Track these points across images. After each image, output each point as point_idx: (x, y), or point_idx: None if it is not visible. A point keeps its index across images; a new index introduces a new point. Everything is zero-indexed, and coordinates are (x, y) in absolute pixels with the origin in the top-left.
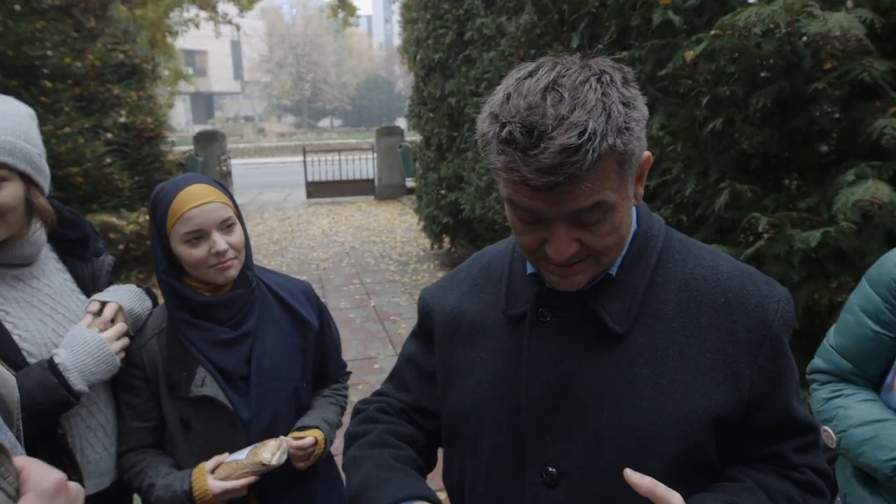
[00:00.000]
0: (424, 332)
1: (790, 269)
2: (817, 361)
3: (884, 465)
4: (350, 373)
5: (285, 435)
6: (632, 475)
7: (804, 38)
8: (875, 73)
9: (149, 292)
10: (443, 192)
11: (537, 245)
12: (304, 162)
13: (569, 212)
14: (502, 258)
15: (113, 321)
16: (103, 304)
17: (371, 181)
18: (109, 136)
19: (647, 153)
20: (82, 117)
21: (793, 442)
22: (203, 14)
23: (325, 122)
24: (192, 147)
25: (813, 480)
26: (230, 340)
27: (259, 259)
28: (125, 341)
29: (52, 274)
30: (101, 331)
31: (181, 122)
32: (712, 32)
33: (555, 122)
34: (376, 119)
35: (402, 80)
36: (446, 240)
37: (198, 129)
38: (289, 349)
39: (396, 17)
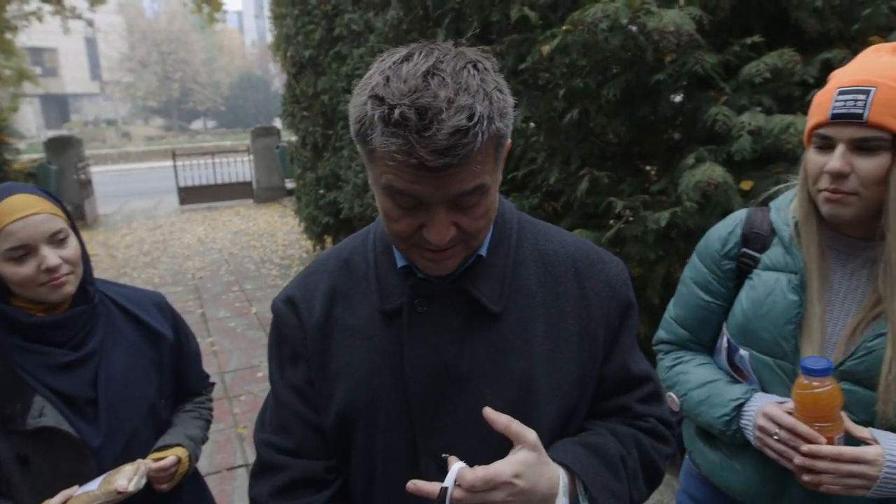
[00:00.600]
0: (287, 346)
1: (647, 248)
2: (661, 332)
3: (717, 421)
4: (213, 383)
5: (144, 458)
6: (489, 412)
7: (645, 33)
8: (706, 65)
9: None
10: (321, 191)
11: (413, 231)
12: (175, 166)
13: (452, 195)
14: (362, 254)
15: None
16: None
17: (249, 184)
18: None
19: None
20: None
21: (636, 393)
22: (47, 7)
23: (197, 124)
24: (43, 154)
25: (657, 428)
26: (71, 363)
27: (128, 272)
28: None
29: None
30: None
31: (31, 127)
32: (564, 28)
33: (446, 104)
34: (253, 119)
35: (279, 79)
36: (328, 240)
37: (50, 134)
38: (141, 365)
39: (267, 12)
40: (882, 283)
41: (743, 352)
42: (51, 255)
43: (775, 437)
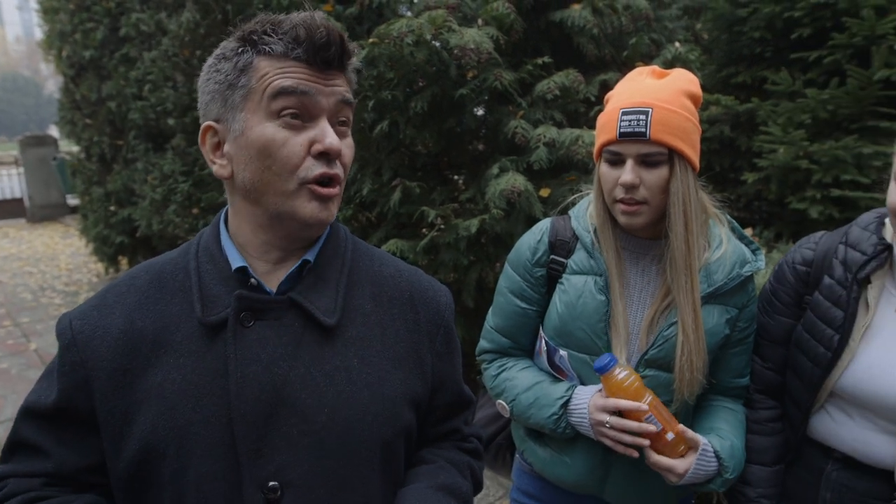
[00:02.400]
0: (70, 369)
1: (460, 254)
2: (483, 343)
3: (547, 421)
4: None
5: None
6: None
7: (448, 49)
8: (505, 81)
9: None
10: (112, 208)
11: (305, 153)
12: None
13: (338, 98)
14: (179, 266)
15: None
16: None
17: (20, 201)
18: None
19: None
20: None
21: (462, 416)
22: None
23: None
24: None
25: (477, 447)
26: None
27: None
28: None
29: None
30: None
31: None
32: (371, 40)
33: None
34: (22, 126)
35: (53, 81)
36: (123, 261)
37: None
38: None
39: (34, 4)
40: (669, 275)
41: (562, 352)
42: None
43: (608, 426)
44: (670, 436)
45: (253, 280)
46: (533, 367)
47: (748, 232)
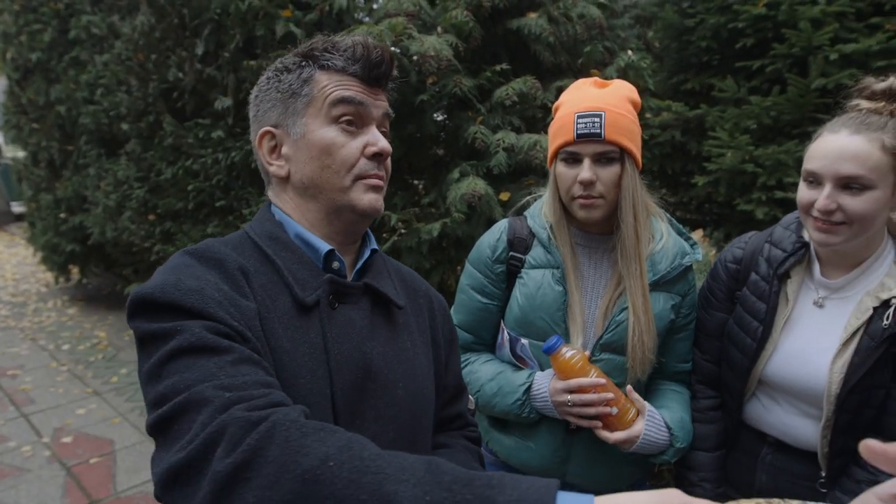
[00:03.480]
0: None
1: (422, 258)
2: None
3: (511, 407)
4: None
5: None
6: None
7: (408, 56)
8: (464, 87)
9: None
10: (62, 215)
11: (359, 153)
12: None
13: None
14: (248, 251)
15: None
16: None
17: None
18: None
19: None
20: None
21: (463, 402)
22: None
23: None
24: None
25: (478, 435)
26: None
27: None
28: None
29: None
30: None
31: None
32: None
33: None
34: None
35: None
36: (74, 270)
37: None
38: None
39: None
40: (620, 263)
41: (524, 341)
42: None
43: (570, 404)
44: (615, 410)
45: (336, 263)
46: (494, 359)
47: (699, 233)
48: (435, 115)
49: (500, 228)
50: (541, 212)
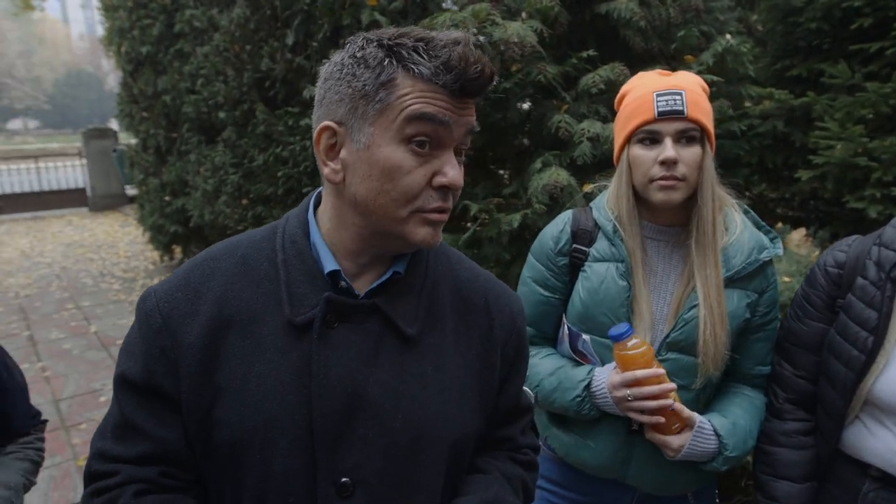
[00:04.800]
0: (159, 353)
1: (502, 249)
2: None
3: (571, 403)
4: (46, 420)
5: None
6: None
7: (492, 43)
8: (548, 75)
9: None
10: (167, 198)
11: (426, 182)
12: None
13: (468, 127)
14: (263, 253)
15: None
16: None
17: (82, 191)
18: None
19: None
20: None
21: (519, 424)
22: None
23: (15, 124)
24: None
25: (532, 459)
26: None
27: None
28: None
29: None
30: None
31: None
32: None
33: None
34: (85, 120)
35: (114, 76)
36: (177, 250)
37: None
38: None
39: (96, 2)
40: (695, 253)
41: (585, 337)
42: None
43: (630, 399)
44: (674, 404)
45: (343, 283)
46: (554, 353)
47: (801, 231)
48: (519, 103)
49: (564, 219)
50: (606, 203)
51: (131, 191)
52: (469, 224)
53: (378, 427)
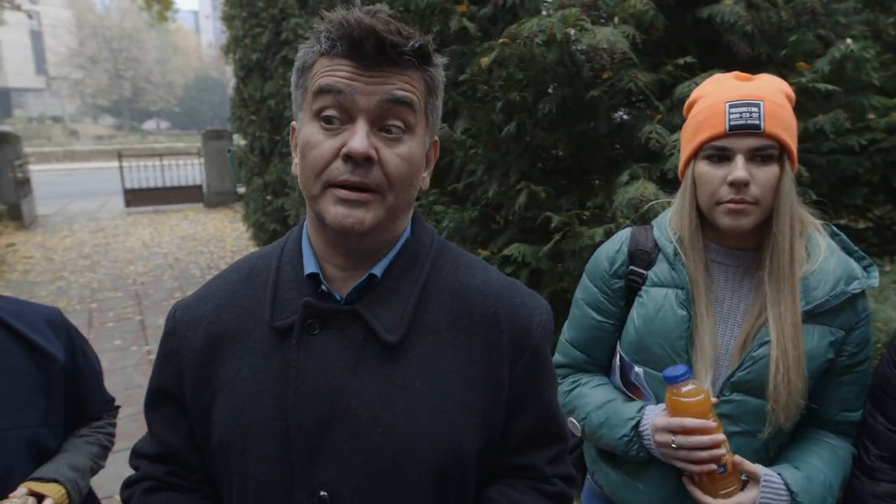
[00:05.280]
0: (168, 355)
1: (584, 263)
2: (557, 356)
3: (618, 442)
4: (118, 407)
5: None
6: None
7: (580, 49)
8: (640, 83)
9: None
10: (268, 197)
11: (332, 156)
12: (121, 168)
13: (382, 95)
14: (268, 261)
15: None
16: None
17: (199, 188)
18: None
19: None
20: None
21: (546, 452)
22: None
23: (150, 125)
24: None
25: (563, 491)
26: None
27: (65, 276)
28: None
29: None
30: None
31: None
32: (501, 40)
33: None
34: (208, 122)
35: (233, 81)
36: None
37: None
38: (25, 390)
39: (220, 13)
40: (768, 285)
41: (638, 369)
42: None
43: (673, 446)
44: (723, 468)
45: (323, 287)
46: (607, 384)
47: None
48: (611, 112)
49: (621, 239)
50: (669, 222)
51: (240, 189)
52: (557, 236)
53: (354, 440)
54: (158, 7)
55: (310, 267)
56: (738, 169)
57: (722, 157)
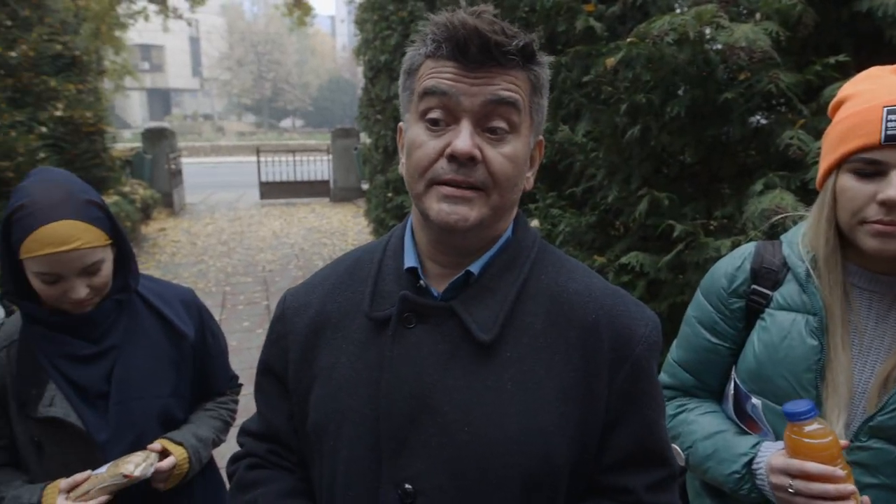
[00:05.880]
0: (275, 339)
1: None
2: (663, 377)
3: (727, 479)
4: (241, 385)
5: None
6: None
7: (715, 48)
8: (781, 84)
9: (1, 301)
10: (389, 194)
11: (437, 155)
12: (258, 162)
13: (487, 96)
14: (372, 255)
15: None
16: None
17: (326, 183)
18: (44, 130)
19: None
20: (14, 110)
21: (645, 476)
22: (153, 7)
23: (286, 123)
24: (140, 144)
25: None
26: (90, 356)
27: (205, 259)
28: None
29: None
30: None
31: (136, 118)
32: (629, 40)
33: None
34: (338, 120)
35: (363, 82)
36: None
37: (152, 125)
38: (159, 363)
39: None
40: None
41: (755, 400)
42: (79, 287)
43: (790, 490)
44: None
45: (422, 282)
46: (718, 412)
47: None
48: (747, 116)
49: (743, 254)
50: (802, 239)
51: (364, 185)
52: (681, 246)
53: (441, 436)
54: (299, 13)
55: (410, 261)
56: (892, 187)
57: (872, 171)
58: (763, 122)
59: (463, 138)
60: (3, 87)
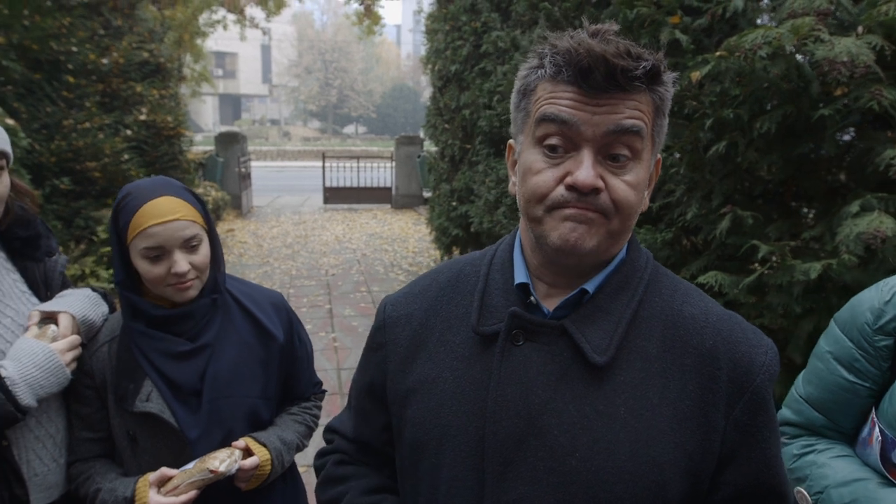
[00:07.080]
0: (376, 347)
1: (792, 300)
2: (786, 412)
3: None
4: (325, 391)
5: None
6: None
7: (813, 62)
8: (884, 101)
9: (105, 296)
10: (454, 203)
11: (555, 184)
12: (323, 167)
13: (609, 126)
14: (476, 268)
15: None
16: (50, 314)
17: (389, 189)
18: (129, 132)
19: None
20: (103, 113)
21: None
22: (231, 17)
23: (349, 129)
24: (213, 147)
25: None
26: (186, 353)
27: (270, 262)
28: (77, 352)
29: (1, 275)
30: (53, 341)
31: (209, 122)
32: (718, 53)
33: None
34: (401, 128)
35: (427, 91)
36: (456, 252)
37: (223, 129)
38: (249, 363)
39: (423, 27)
40: None
41: None
42: (181, 261)
43: None
44: None
45: (532, 298)
46: (853, 457)
47: None
48: (838, 133)
49: (892, 287)
50: None
51: (427, 193)
52: (757, 266)
53: (549, 461)
54: (368, 22)
55: (520, 276)
56: None
57: None
58: (854, 139)
59: (585, 169)
60: (94, 91)
